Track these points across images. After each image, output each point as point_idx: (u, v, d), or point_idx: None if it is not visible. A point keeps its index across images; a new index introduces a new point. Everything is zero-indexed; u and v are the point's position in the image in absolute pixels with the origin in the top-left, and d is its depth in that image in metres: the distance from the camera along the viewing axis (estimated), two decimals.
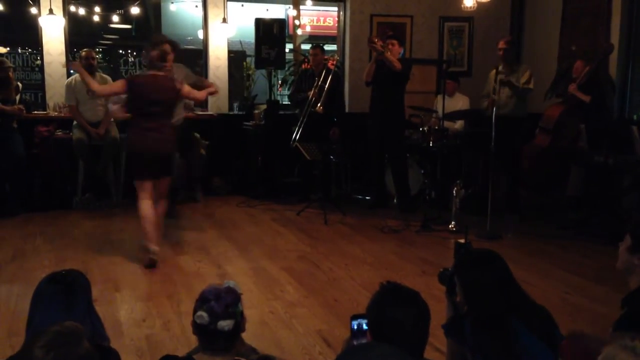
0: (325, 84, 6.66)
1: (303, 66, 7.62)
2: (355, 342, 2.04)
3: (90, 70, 6.66)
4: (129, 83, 4.84)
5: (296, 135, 6.54)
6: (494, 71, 6.31)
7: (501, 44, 6.41)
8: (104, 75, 6.96)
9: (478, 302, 2.22)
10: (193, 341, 2.20)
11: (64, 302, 2.08)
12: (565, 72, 7.32)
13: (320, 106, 6.47)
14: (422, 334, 1.91)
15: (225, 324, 2.05)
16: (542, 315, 2.27)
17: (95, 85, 5.13)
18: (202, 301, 2.10)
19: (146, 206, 4.78)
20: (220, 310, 2.06)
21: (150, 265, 4.69)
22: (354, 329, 2.05)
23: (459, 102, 7.06)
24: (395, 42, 6.51)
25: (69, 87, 6.69)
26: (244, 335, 2.24)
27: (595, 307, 4.01)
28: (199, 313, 2.07)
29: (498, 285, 2.23)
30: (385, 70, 6.35)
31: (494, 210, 6.04)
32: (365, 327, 2.03)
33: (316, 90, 6.66)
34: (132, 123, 4.91)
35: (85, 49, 6.81)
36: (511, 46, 6.46)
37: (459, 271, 2.34)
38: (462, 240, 4.93)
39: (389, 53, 6.34)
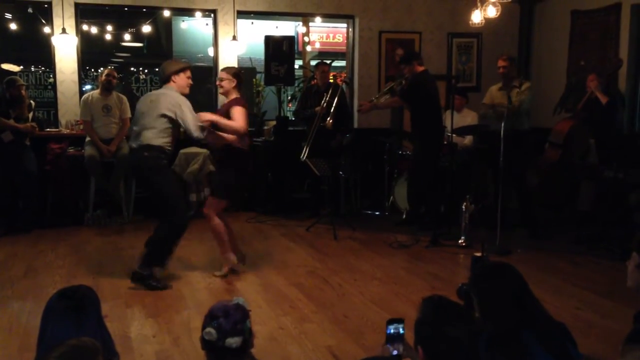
0: (334, 99, 6.69)
1: (312, 82, 7.67)
2: (390, 347, 2.02)
3: (109, 88, 6.78)
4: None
5: (305, 150, 6.57)
6: (495, 87, 6.26)
7: (500, 62, 6.18)
8: (121, 95, 7.02)
9: (494, 314, 2.20)
10: (202, 357, 2.21)
11: (75, 317, 2.10)
12: (574, 87, 7.33)
13: (330, 120, 6.50)
14: (476, 351, 1.90)
15: (233, 341, 2.06)
16: (559, 332, 2.25)
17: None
18: (211, 318, 2.11)
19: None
20: (228, 327, 2.07)
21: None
22: (390, 333, 2.02)
23: (467, 117, 7.07)
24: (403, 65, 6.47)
25: (85, 102, 6.77)
26: (253, 351, 2.25)
27: (607, 322, 3.98)
28: (208, 330, 2.08)
29: (513, 297, 2.21)
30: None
31: (506, 225, 6.03)
32: (401, 331, 2.01)
33: (324, 106, 6.68)
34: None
35: (108, 67, 6.93)
36: (512, 63, 6.20)
37: (475, 283, 2.33)
38: (479, 254, 4.92)
39: (381, 100, 6.56)
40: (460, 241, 5.87)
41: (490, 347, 2.15)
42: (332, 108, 6.55)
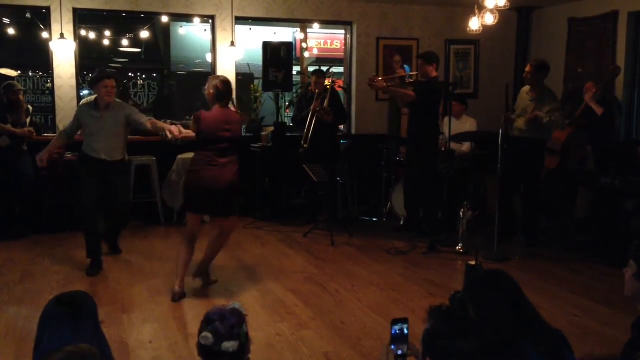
0: (326, 94, 6.75)
1: (309, 88, 7.70)
2: (394, 347, 2.00)
3: None
4: (195, 118, 4.56)
5: (306, 138, 6.58)
6: (526, 88, 6.13)
7: (527, 67, 6.12)
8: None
9: (489, 322, 2.19)
10: None
11: (72, 324, 2.08)
12: (572, 94, 7.35)
13: (326, 106, 6.59)
14: None
15: (229, 345, 2.06)
16: (555, 338, 2.25)
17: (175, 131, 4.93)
18: (207, 322, 2.10)
19: (182, 247, 4.65)
20: (224, 331, 2.06)
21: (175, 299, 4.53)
22: (394, 333, 2.00)
23: (466, 124, 7.08)
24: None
25: None
26: (249, 357, 2.23)
27: (604, 330, 3.98)
28: (204, 334, 2.08)
29: (509, 304, 2.21)
30: None
31: (507, 232, 6.03)
32: (406, 331, 1.99)
33: (319, 101, 6.74)
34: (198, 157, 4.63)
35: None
36: (536, 70, 5.98)
37: (469, 291, 2.32)
38: (473, 262, 4.92)
39: (394, 87, 6.43)
40: (457, 248, 5.87)
41: (487, 354, 2.14)
42: (326, 100, 6.66)
